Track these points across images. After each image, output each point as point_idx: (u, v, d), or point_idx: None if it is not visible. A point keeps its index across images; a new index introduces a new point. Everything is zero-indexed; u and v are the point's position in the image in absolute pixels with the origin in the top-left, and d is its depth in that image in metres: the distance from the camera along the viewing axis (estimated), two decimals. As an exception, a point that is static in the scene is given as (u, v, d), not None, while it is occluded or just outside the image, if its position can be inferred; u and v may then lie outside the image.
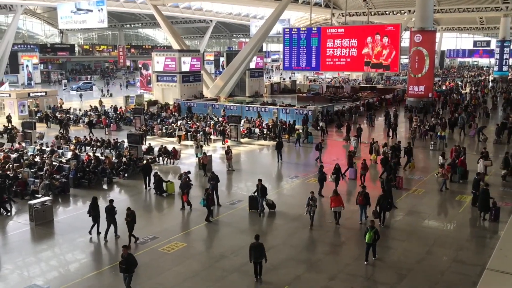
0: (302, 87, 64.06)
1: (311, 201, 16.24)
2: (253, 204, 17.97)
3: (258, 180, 17.90)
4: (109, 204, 15.79)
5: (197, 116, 37.98)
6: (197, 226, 16.80)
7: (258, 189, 17.60)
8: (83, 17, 52.74)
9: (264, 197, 17.64)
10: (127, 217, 15.04)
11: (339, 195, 16.73)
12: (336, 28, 44.07)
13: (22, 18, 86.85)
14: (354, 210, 18.39)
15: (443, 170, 20.68)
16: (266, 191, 17.80)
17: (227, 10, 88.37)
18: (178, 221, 17.56)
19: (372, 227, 13.70)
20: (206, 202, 16.99)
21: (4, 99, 42.04)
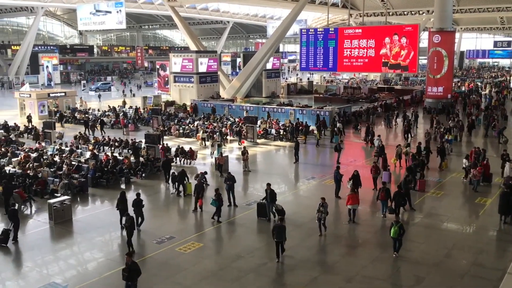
0: (319, 87, 63.81)
1: (321, 208, 15.54)
2: (261, 211, 17.23)
3: (267, 185, 17.17)
4: (137, 197, 16.45)
5: (214, 117, 38.10)
6: (214, 227, 16.84)
7: (266, 194, 16.96)
8: (102, 19, 53.37)
9: (273, 202, 16.91)
10: (125, 223, 14.69)
11: (356, 193, 17.36)
12: (354, 29, 43.82)
13: (42, 20, 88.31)
14: (371, 212, 18.26)
15: (474, 171, 20.42)
16: (275, 196, 17.06)
17: (244, 11, 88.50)
18: (195, 221, 17.61)
19: (397, 222, 14.11)
20: (218, 202, 17.08)
21: (24, 99, 42.73)
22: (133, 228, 14.69)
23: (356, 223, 16.97)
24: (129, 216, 14.73)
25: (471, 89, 59.91)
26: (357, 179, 18.66)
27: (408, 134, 31.23)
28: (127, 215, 14.88)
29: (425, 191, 20.41)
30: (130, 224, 14.55)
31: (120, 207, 16.45)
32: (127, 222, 14.59)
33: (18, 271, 13.88)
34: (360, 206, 17.84)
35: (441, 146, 24.59)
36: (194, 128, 33.95)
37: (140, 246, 15.26)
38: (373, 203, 18.96)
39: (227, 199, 18.85)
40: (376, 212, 18.25)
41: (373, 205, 18.81)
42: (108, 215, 18.20)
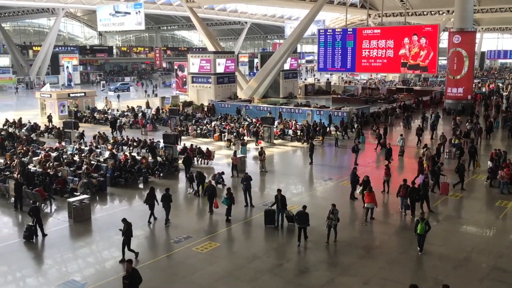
0: (336, 88, 63.52)
1: (331, 215, 14.92)
2: (269, 219, 16.54)
3: (278, 191, 16.57)
4: (166, 192, 17.13)
5: (231, 118, 38.23)
6: (230, 227, 16.88)
7: (277, 201, 16.29)
8: (121, 20, 53.97)
9: (284, 209, 16.39)
10: (122, 229, 14.15)
11: (373, 192, 17.18)
12: (372, 29, 43.54)
13: (63, 21, 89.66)
14: (388, 213, 18.09)
15: (502, 172, 20.13)
16: (286, 202, 16.49)
17: (262, 12, 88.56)
18: (212, 221, 17.67)
19: (423, 219, 14.29)
20: (229, 201, 17.17)
21: (45, 100, 43.42)
22: (130, 234, 14.11)
23: (374, 220, 17.07)
24: (126, 222, 14.18)
25: (492, 90, 58.94)
26: (368, 184, 17.84)
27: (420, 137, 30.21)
28: (124, 221, 14.24)
29: (443, 192, 20.15)
30: (126, 230, 14.01)
31: (150, 202, 17.12)
32: (124, 228, 14.06)
33: (38, 268, 14.11)
34: (378, 208, 17.74)
35: (472, 147, 24.49)
36: (212, 128, 34.10)
37: (157, 246, 15.40)
38: (387, 205, 18.79)
39: (244, 199, 18.90)
40: (393, 214, 18.10)
41: (388, 207, 18.63)
42: (126, 214, 18.33)
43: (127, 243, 14.04)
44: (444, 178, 20.59)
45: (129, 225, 14.13)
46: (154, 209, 17.20)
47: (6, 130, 33.44)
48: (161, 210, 17.10)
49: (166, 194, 17.06)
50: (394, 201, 18.64)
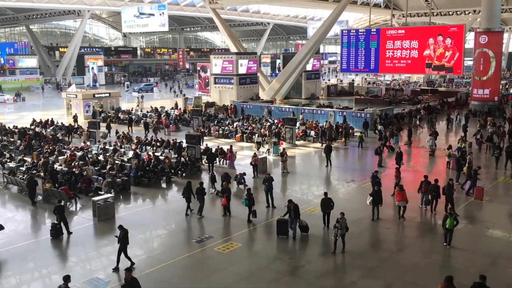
0: (360, 89, 62.99)
1: (337, 224, 14.40)
2: (281, 229, 15.85)
3: (289, 201, 15.98)
4: (200, 185, 18.13)
5: (253, 118, 38.27)
6: (252, 227, 16.90)
7: (290, 210, 15.66)
8: (145, 21, 54.66)
9: (297, 218, 15.75)
10: (118, 235, 13.82)
11: (404, 190, 17.38)
12: (396, 29, 43.08)
13: (88, 23, 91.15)
14: (413, 216, 17.85)
15: None
16: (299, 211, 15.86)
17: (285, 12, 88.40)
18: (233, 222, 17.71)
19: (451, 214, 14.82)
20: (248, 202, 17.19)
21: (71, 100, 44.21)
22: (126, 241, 13.76)
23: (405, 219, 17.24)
24: (122, 229, 13.83)
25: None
26: (378, 195, 17.25)
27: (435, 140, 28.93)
28: (121, 228, 13.92)
29: (469, 195, 19.78)
30: (123, 237, 13.67)
31: (186, 195, 17.94)
32: (120, 235, 13.73)
33: (63, 265, 14.36)
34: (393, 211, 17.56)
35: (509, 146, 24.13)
36: (233, 129, 34.21)
37: (179, 245, 15.50)
38: (411, 210, 18.56)
39: (265, 200, 18.90)
40: (416, 217, 17.87)
41: (413, 211, 18.39)
42: (149, 213, 18.61)
43: (123, 250, 13.68)
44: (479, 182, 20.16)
45: (126, 232, 13.80)
46: (190, 202, 18.03)
47: (33, 129, 34.15)
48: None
49: (200, 187, 18.00)
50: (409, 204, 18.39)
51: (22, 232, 17.05)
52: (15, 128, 33.69)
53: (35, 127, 35.76)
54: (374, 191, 17.29)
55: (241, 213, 17.96)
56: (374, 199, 17.20)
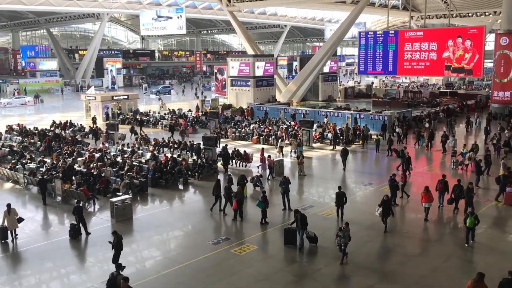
0: (377, 91, 62.52)
1: (339, 232, 13.94)
2: (289, 238, 15.29)
3: (295, 211, 15.49)
4: (227, 185, 18.75)
5: (269, 120, 38.26)
6: (269, 229, 16.86)
7: (297, 220, 15.03)
8: (163, 24, 55.15)
9: (304, 228, 15.06)
10: (112, 241, 13.58)
11: (430, 191, 17.45)
12: (415, 31, 42.69)
13: (107, 26, 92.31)
14: (432, 220, 17.63)
15: None
16: (307, 221, 15.15)
17: (302, 15, 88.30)
18: (250, 224, 17.70)
19: (472, 213, 15.02)
20: (264, 204, 17.21)
21: (90, 102, 44.76)
22: (120, 247, 13.58)
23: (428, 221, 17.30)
24: (116, 235, 13.65)
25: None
26: (387, 205, 16.35)
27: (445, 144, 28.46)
28: (115, 234, 13.69)
29: (488, 199, 19.45)
30: (117, 243, 13.45)
31: (215, 194, 18.48)
32: (114, 241, 13.51)
33: (81, 265, 14.52)
34: (420, 215, 17.36)
35: None
36: (250, 131, 34.24)
37: (196, 246, 15.53)
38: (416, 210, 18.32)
39: (282, 202, 18.86)
40: (436, 220, 17.64)
41: (431, 213, 18.15)
42: (166, 215, 18.72)
43: (117, 257, 13.47)
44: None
45: (120, 238, 13.60)
46: (220, 199, 18.55)
47: (53, 131, 34.65)
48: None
49: (228, 186, 18.69)
50: (413, 207, 18.15)
51: (41, 232, 17.30)
52: (35, 130, 34.23)
53: (55, 129, 36.26)
54: (383, 202, 16.30)
55: (257, 215, 17.94)
56: (384, 210, 16.22)
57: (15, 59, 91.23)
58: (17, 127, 36.05)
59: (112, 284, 11.46)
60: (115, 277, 11.64)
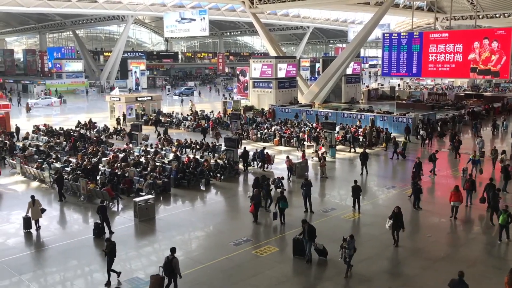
0: (401, 93, 61.80)
1: (344, 243, 13.31)
2: (298, 249, 14.56)
3: (303, 221, 14.61)
4: (267, 182, 19.59)
5: (291, 122, 38.19)
6: (291, 231, 16.81)
7: (304, 231, 14.32)
8: (187, 26, 55.60)
9: (312, 240, 14.28)
10: (105, 249, 13.26)
11: (459, 191, 17.58)
12: (440, 33, 42.05)
13: (132, 28, 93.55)
14: (454, 225, 17.35)
15: None
16: (315, 233, 14.35)
17: (325, 16, 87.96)
18: (271, 225, 17.70)
19: (506, 211, 15.14)
20: (287, 204, 17.47)
21: (114, 103, 45.41)
22: (113, 254, 13.29)
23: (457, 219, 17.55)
24: (110, 242, 13.39)
25: None
26: (398, 218, 15.14)
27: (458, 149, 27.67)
28: (108, 241, 13.51)
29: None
30: (110, 250, 13.17)
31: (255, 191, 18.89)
32: (107, 248, 13.21)
33: (105, 264, 14.66)
34: (444, 219, 17.10)
35: None
36: (272, 133, 34.25)
37: (217, 247, 15.61)
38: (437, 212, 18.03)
39: (303, 205, 18.80)
40: (458, 225, 17.35)
41: (459, 214, 17.86)
42: (188, 215, 18.87)
43: (110, 263, 13.21)
44: None
45: (113, 244, 13.32)
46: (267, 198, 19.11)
47: (78, 131, 35.27)
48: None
49: (267, 183, 19.36)
50: (437, 210, 17.86)
51: (66, 230, 17.63)
52: (61, 130, 34.90)
53: (80, 129, 36.90)
54: (394, 214, 15.11)
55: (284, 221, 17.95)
56: (394, 223, 15.11)
57: (42, 61, 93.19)
58: (44, 127, 36.81)
59: (168, 267, 12.22)
60: (170, 260, 12.27)
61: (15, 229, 17.40)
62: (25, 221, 16.97)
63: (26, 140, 32.30)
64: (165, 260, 12.36)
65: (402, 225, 15.13)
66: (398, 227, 15.09)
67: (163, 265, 12.34)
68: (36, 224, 17.05)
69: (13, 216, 18.67)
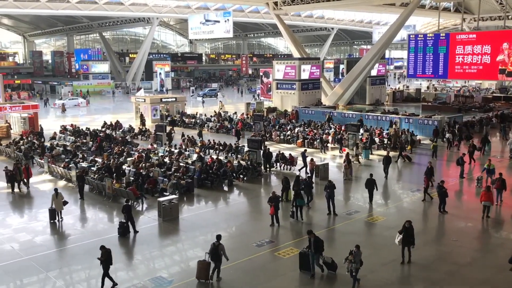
0: (427, 95, 60.89)
1: (349, 256, 12.59)
2: (304, 263, 13.59)
3: (308, 232, 13.63)
4: (308, 179, 20.42)
5: (314, 124, 38.02)
6: (313, 234, 16.72)
7: (310, 244, 13.38)
8: (211, 28, 55.99)
9: (319, 253, 13.31)
10: (100, 257, 12.87)
11: (490, 191, 17.72)
12: (467, 34, 41.26)
13: (157, 30, 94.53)
14: (482, 230, 17.00)
15: None
16: (322, 246, 13.34)
17: (349, 17, 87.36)
18: (294, 227, 17.66)
19: None
20: (303, 201, 17.93)
21: (139, 104, 45.98)
22: (109, 262, 12.91)
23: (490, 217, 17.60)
24: (105, 249, 12.97)
25: None
26: (409, 233, 13.93)
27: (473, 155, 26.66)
28: (103, 248, 13.01)
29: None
30: (106, 258, 12.81)
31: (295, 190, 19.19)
32: (102, 256, 12.82)
33: (129, 263, 14.92)
34: (470, 223, 16.76)
35: None
36: (295, 134, 34.15)
37: (240, 248, 15.63)
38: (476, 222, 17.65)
39: (327, 207, 18.69)
40: (486, 230, 16.98)
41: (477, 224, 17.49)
42: (211, 215, 18.97)
43: (106, 272, 12.85)
44: None
45: (108, 252, 12.92)
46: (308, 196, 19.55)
47: (104, 131, 35.82)
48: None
49: (308, 181, 19.89)
50: (462, 214, 17.47)
51: (92, 229, 17.91)
52: (87, 130, 35.51)
53: (106, 130, 37.47)
54: (405, 229, 13.87)
55: (303, 219, 17.88)
56: (405, 238, 13.88)
57: (69, 62, 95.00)
58: (71, 128, 37.52)
59: (215, 253, 13.05)
60: (216, 246, 13.10)
61: (43, 227, 17.79)
62: (50, 212, 18.19)
63: (54, 140, 32.97)
64: (211, 247, 13.16)
65: (413, 241, 13.90)
66: (409, 243, 13.89)
67: (209, 251, 13.15)
68: (58, 215, 18.17)
69: (40, 214, 19.08)
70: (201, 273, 13.12)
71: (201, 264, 13.18)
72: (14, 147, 29.58)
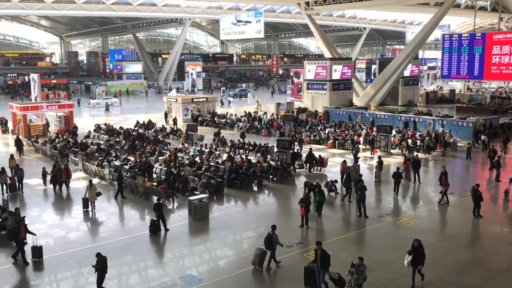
0: (461, 96, 59.47)
1: (352, 269, 11.88)
2: (309, 279, 12.73)
3: (317, 243, 12.81)
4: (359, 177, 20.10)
5: (345, 125, 37.67)
6: (342, 236, 16.60)
7: (316, 257, 12.59)
8: (242, 28, 56.24)
9: (325, 269, 12.41)
10: (96, 265, 12.59)
11: None
12: (505, 33, 40.16)
13: (189, 31, 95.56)
14: None
15: None
16: (329, 261, 12.43)
17: (382, 17, 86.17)
18: (323, 228, 17.54)
19: None
20: (324, 198, 18.42)
21: (171, 104, 46.56)
22: (104, 270, 12.61)
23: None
24: (101, 257, 12.61)
25: None
26: (420, 252, 12.80)
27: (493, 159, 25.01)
28: (99, 256, 12.65)
29: None
30: (101, 266, 12.55)
31: (346, 185, 20.54)
32: (98, 264, 12.54)
33: (159, 261, 15.12)
34: (506, 228, 16.27)
35: None
36: (325, 135, 33.91)
37: (269, 248, 15.63)
38: None
39: (357, 209, 18.49)
40: (525, 235, 16.48)
41: None
42: (241, 215, 19.03)
43: (100, 281, 12.58)
44: None
45: (104, 260, 12.59)
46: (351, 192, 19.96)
47: (137, 131, 36.42)
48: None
49: (359, 179, 19.62)
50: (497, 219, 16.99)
51: (124, 226, 18.25)
52: (120, 129, 36.18)
53: (139, 129, 38.08)
54: (414, 248, 12.79)
55: (332, 220, 17.72)
56: (415, 258, 12.74)
57: (104, 62, 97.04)
58: (104, 127, 38.30)
59: (269, 241, 13.90)
60: (270, 236, 13.95)
61: (76, 223, 18.22)
62: (83, 201, 19.34)
63: (88, 139, 33.72)
64: (266, 236, 14.04)
65: (423, 261, 12.70)
66: (419, 263, 12.75)
67: (265, 239, 14.01)
68: (91, 205, 19.22)
69: (74, 211, 19.56)
70: (256, 259, 13.91)
71: (258, 251, 13.99)
72: (50, 145, 30.40)
